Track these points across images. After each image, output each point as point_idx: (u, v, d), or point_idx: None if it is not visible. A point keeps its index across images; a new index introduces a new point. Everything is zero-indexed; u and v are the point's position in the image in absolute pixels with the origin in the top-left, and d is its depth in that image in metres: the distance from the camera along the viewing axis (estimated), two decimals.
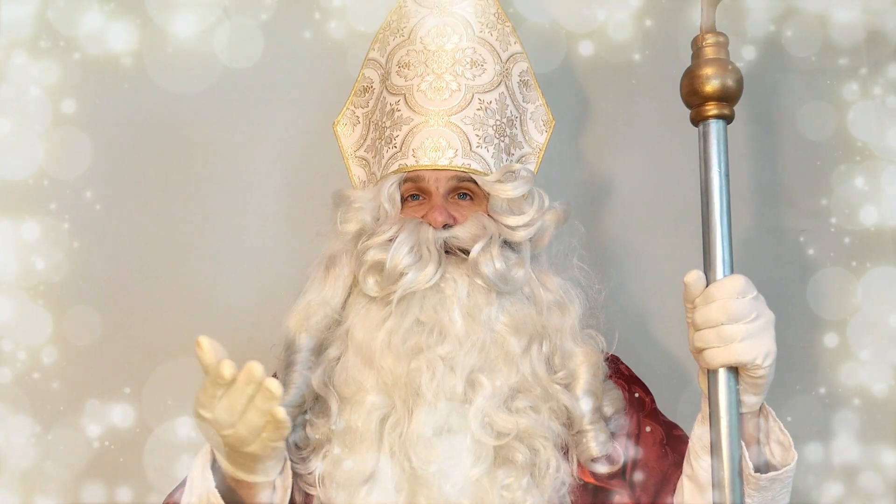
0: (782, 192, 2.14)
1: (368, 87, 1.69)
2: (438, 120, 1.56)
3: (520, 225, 1.54)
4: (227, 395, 1.22)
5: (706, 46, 1.34)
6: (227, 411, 1.23)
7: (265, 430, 1.24)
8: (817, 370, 1.99)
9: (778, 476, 1.38)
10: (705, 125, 1.34)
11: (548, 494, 1.44)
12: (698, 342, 1.32)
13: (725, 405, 1.31)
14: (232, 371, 1.21)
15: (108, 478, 1.92)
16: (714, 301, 1.31)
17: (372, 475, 1.42)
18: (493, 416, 1.43)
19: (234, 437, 1.25)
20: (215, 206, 2.13)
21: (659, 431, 1.56)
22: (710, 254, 1.33)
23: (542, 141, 1.68)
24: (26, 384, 1.94)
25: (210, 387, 1.23)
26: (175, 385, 1.96)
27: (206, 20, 1.96)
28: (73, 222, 2.05)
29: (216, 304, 2.07)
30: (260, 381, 1.21)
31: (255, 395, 1.22)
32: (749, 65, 2.10)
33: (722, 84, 1.32)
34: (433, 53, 1.58)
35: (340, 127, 1.70)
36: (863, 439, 1.76)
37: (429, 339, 1.45)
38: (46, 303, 1.99)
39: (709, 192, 1.34)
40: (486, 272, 1.48)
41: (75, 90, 2.02)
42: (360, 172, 1.68)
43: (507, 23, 1.66)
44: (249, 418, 1.23)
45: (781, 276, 2.07)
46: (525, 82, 1.68)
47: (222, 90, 2.10)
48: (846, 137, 1.96)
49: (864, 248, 1.97)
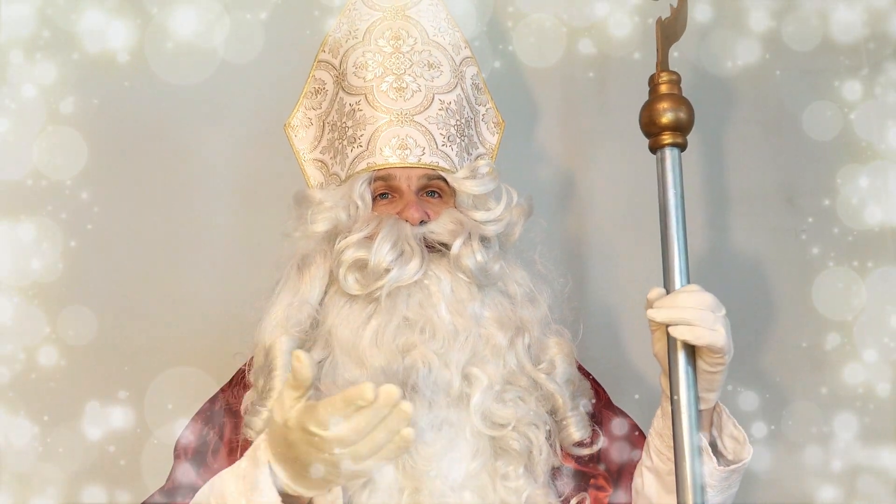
0: (785, 191, 2.15)
1: (320, 88, 1.70)
2: (403, 119, 1.58)
3: (489, 220, 1.58)
4: (357, 415, 1.19)
5: (661, 83, 1.51)
6: (354, 431, 1.20)
7: (386, 447, 1.22)
8: (819, 370, 2.00)
9: (737, 468, 1.46)
10: (661, 152, 1.49)
11: (541, 480, 1.47)
12: (686, 315, 1.36)
13: (686, 400, 1.39)
14: (374, 393, 1.18)
15: (106, 480, 1.91)
16: (696, 290, 1.39)
17: (371, 477, 1.41)
18: (491, 408, 1.45)
19: (348, 456, 1.21)
20: (212, 207, 2.12)
21: (617, 421, 1.61)
22: (670, 266, 1.44)
23: (495, 142, 1.73)
24: (24, 385, 1.94)
25: (340, 404, 1.19)
26: (173, 387, 1.96)
27: (206, 18, 1.95)
28: (69, 222, 2.04)
29: (215, 304, 2.06)
30: (397, 404, 1.19)
31: (388, 416, 1.20)
32: (751, 65, 2.12)
33: (675, 116, 1.48)
34: (390, 56, 1.62)
35: (292, 129, 1.70)
36: (865, 439, 1.76)
37: (420, 336, 1.46)
38: (42, 303, 1.98)
39: (666, 211, 1.46)
40: (469, 265, 1.51)
41: (72, 90, 2.02)
42: (316, 174, 1.68)
43: (456, 29, 1.70)
44: (376, 436, 1.20)
45: (784, 276, 2.09)
46: (476, 85, 1.72)
47: (221, 91, 2.10)
48: (849, 137, 1.97)
49: (867, 248, 1.98)
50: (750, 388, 1.84)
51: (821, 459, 1.81)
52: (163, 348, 2.03)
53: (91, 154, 2.07)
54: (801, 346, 2.00)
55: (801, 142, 2.13)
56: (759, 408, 1.80)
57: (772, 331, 2.06)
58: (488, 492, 1.43)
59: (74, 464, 1.91)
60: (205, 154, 2.13)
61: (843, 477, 1.85)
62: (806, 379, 2.01)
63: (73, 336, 1.99)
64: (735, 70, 2.14)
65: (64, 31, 2.00)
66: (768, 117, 2.17)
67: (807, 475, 1.81)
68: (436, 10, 1.68)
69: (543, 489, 1.47)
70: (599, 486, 1.54)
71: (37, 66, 1.96)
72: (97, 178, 2.07)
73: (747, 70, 2.11)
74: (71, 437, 1.90)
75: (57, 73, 2.00)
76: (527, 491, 1.44)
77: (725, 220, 2.15)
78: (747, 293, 2.08)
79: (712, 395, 1.43)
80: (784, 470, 1.85)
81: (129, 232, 2.09)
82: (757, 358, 2.04)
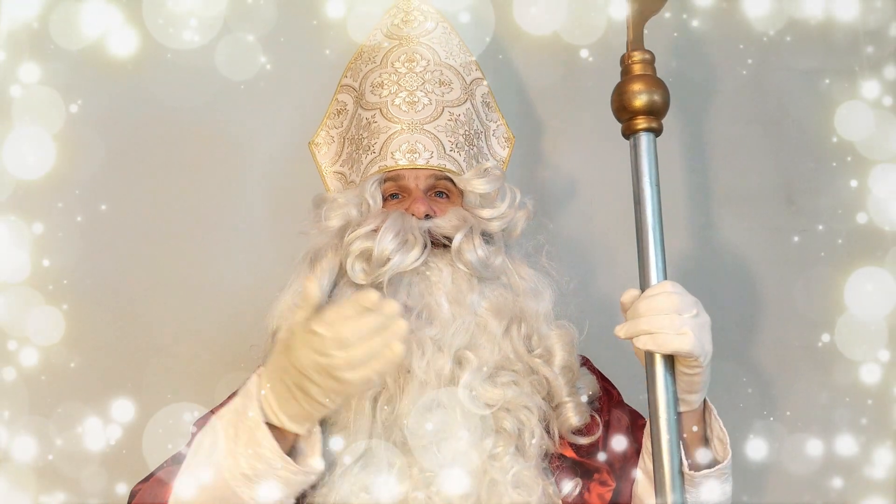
0: (779, 192, 2.15)
1: (342, 109, 1.82)
2: (413, 128, 1.68)
3: (494, 217, 1.66)
4: (358, 318, 1.28)
5: (633, 63, 1.42)
6: (353, 332, 1.28)
7: (377, 358, 1.29)
8: (814, 368, 2.01)
9: (711, 473, 1.46)
10: (636, 138, 1.42)
11: (533, 461, 1.51)
12: (645, 325, 1.38)
13: (664, 403, 1.38)
14: (377, 298, 1.29)
15: (116, 476, 1.93)
16: (658, 294, 1.39)
17: (365, 452, 1.47)
18: (479, 389, 1.50)
19: (342, 360, 1.28)
20: (217, 207, 2.16)
21: (625, 420, 1.64)
22: (644, 260, 1.40)
23: (505, 155, 1.83)
24: (33, 383, 1.95)
25: (347, 305, 1.29)
26: (180, 383, 1.99)
27: (207, 34, 1.98)
28: (81, 222, 2.07)
29: (221, 302, 2.09)
30: (395, 317, 1.29)
31: (383, 325, 1.28)
32: (748, 66, 2.12)
33: (649, 99, 1.40)
34: (404, 75, 1.73)
35: (315, 146, 1.83)
36: (859, 437, 1.76)
37: (417, 321, 1.52)
38: (53, 301, 2.00)
39: (641, 202, 1.40)
40: (470, 259, 1.58)
41: (81, 94, 2.04)
42: (336, 185, 1.79)
43: (468, 53, 1.82)
44: (371, 343, 1.28)
45: (778, 276, 2.09)
46: (487, 103, 1.83)
47: (221, 97, 2.13)
48: (843, 138, 1.96)
49: (857, 247, 1.98)
50: (746, 385, 1.85)
51: (817, 455, 1.81)
52: (175, 347, 2.07)
53: (102, 155, 2.10)
54: (794, 345, 2.00)
55: (800, 142, 2.13)
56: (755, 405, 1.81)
57: (771, 330, 2.09)
58: (478, 469, 1.47)
59: (84, 460, 1.93)
60: (207, 157, 2.16)
61: (840, 472, 1.85)
62: (802, 377, 2.02)
63: (84, 334, 2.02)
64: (735, 70, 2.15)
65: (69, 37, 2.03)
66: (768, 117, 2.18)
67: (803, 472, 1.81)
68: (448, 37, 1.81)
69: (535, 470, 1.50)
70: (603, 481, 1.56)
71: (44, 70, 1.98)
72: (106, 179, 2.11)
73: (746, 71, 2.11)
74: (81, 434, 1.92)
75: (61, 77, 2.02)
76: (514, 469, 1.48)
77: (723, 220, 2.17)
78: (742, 292, 2.10)
79: (694, 396, 1.44)
80: (779, 465, 1.85)
81: (138, 232, 2.12)
82: (750, 355, 2.05)
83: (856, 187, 1.90)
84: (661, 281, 1.41)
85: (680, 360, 1.40)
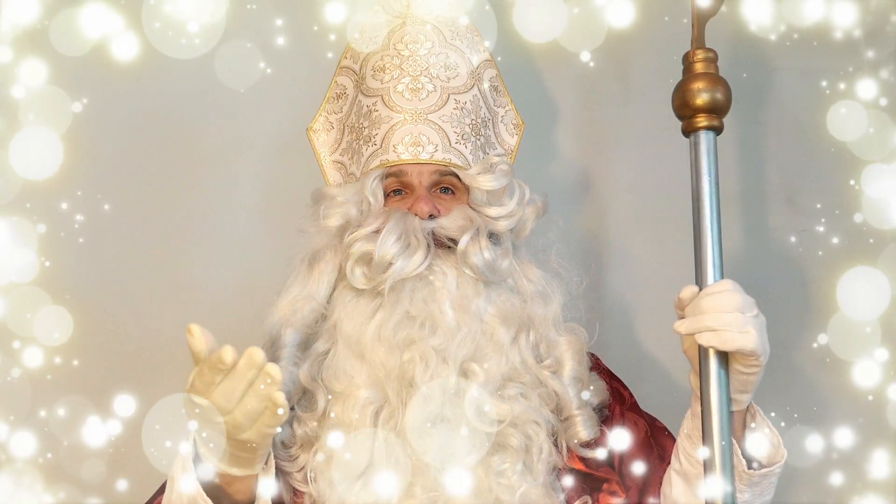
0: (777, 192, 2.16)
1: (342, 93, 1.72)
2: (417, 118, 1.59)
3: (501, 216, 1.58)
4: (226, 381, 1.21)
5: (696, 62, 1.40)
6: (225, 397, 1.21)
7: (263, 416, 1.23)
8: (812, 368, 2.01)
9: (771, 472, 1.42)
10: (696, 136, 1.40)
11: (541, 478, 1.46)
12: (710, 322, 1.32)
13: (717, 402, 1.35)
14: (233, 356, 1.20)
15: (118, 475, 1.93)
16: (721, 291, 1.34)
17: (367, 469, 1.43)
18: (487, 403, 1.44)
19: (229, 424, 1.24)
20: (218, 208, 2.17)
21: (643, 424, 1.60)
22: (702, 258, 1.38)
23: (514, 143, 1.74)
24: (37, 382, 1.96)
25: (208, 372, 1.21)
26: (182, 384, 1.99)
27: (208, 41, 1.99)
28: (82, 222, 2.08)
29: (223, 302, 2.10)
30: (261, 366, 1.21)
31: (254, 380, 1.21)
32: (746, 66, 2.12)
33: (712, 97, 1.38)
34: (407, 59, 1.63)
35: (314, 133, 1.73)
36: (856, 437, 1.76)
37: (420, 331, 1.47)
38: (58, 301, 2.01)
39: (700, 200, 1.39)
40: (476, 262, 1.51)
41: (83, 96, 2.04)
42: (335, 175, 1.70)
43: (475, 33, 1.71)
44: (248, 403, 1.22)
45: (776, 276, 2.10)
46: (495, 87, 1.73)
47: (218, 97, 2.13)
48: (840, 138, 1.96)
49: (854, 247, 1.98)
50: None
51: (814, 454, 1.81)
52: (175, 346, 2.06)
53: (103, 156, 2.12)
54: (792, 345, 2.01)
55: (791, 142, 2.13)
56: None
57: (771, 330, 2.07)
58: (483, 488, 1.43)
59: (86, 459, 1.93)
60: (204, 156, 2.17)
61: (845, 475, 1.85)
62: (799, 376, 2.02)
63: (85, 333, 2.02)
64: (735, 70, 2.15)
65: (70, 37, 2.03)
66: (768, 117, 2.18)
67: (799, 474, 1.82)
68: (454, 16, 1.70)
69: (543, 488, 1.46)
70: (612, 492, 1.52)
71: (44, 69, 1.98)
72: (115, 179, 2.13)
73: (744, 71, 2.12)
74: (83, 434, 1.92)
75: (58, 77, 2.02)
76: (522, 488, 1.43)
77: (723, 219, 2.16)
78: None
79: (745, 396, 1.39)
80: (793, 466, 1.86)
81: (137, 232, 2.14)
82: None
83: (854, 187, 1.90)
84: (720, 279, 1.37)
85: (737, 359, 1.34)
